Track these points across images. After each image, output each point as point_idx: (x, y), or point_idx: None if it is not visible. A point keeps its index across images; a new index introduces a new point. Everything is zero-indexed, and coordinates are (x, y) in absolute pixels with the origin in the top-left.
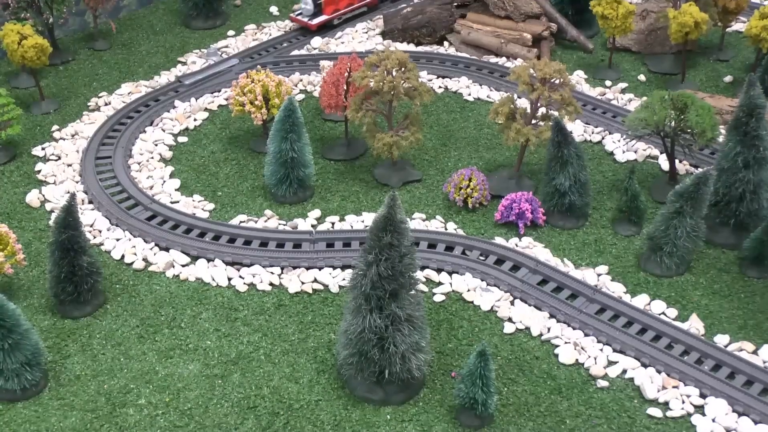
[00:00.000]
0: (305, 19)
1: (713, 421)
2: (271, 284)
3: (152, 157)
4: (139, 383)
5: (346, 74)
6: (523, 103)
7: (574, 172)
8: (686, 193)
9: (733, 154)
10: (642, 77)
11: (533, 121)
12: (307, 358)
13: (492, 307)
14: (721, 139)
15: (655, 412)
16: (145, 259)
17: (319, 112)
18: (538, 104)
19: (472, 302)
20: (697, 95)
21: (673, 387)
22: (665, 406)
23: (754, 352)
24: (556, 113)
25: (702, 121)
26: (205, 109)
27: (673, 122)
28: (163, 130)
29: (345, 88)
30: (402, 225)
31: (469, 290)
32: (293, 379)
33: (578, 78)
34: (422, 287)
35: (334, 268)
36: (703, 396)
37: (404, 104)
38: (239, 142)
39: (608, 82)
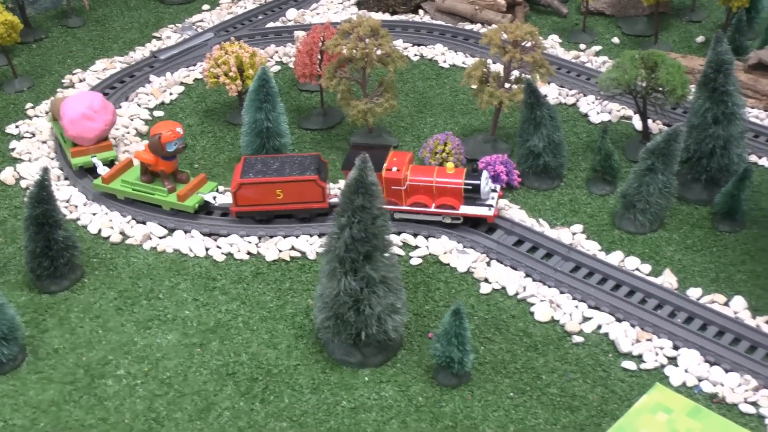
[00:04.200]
0: None
1: (686, 371)
2: (248, 253)
3: (128, 132)
4: (118, 354)
5: (320, 43)
6: (497, 68)
7: (548, 133)
8: (657, 149)
9: (702, 111)
10: (616, 40)
11: (506, 84)
12: (285, 325)
13: (468, 269)
14: (692, 97)
15: (629, 364)
16: (122, 233)
17: (295, 83)
18: (511, 67)
19: (448, 264)
20: (669, 55)
21: (647, 340)
22: (639, 358)
23: (726, 304)
24: (528, 76)
25: (672, 79)
26: (181, 83)
27: (644, 81)
28: (139, 105)
29: (319, 57)
30: (373, 187)
31: (445, 253)
32: (272, 345)
33: (553, 42)
34: (398, 250)
35: (311, 235)
36: (675, 348)
37: (379, 72)
38: (216, 114)
39: (582, 46)
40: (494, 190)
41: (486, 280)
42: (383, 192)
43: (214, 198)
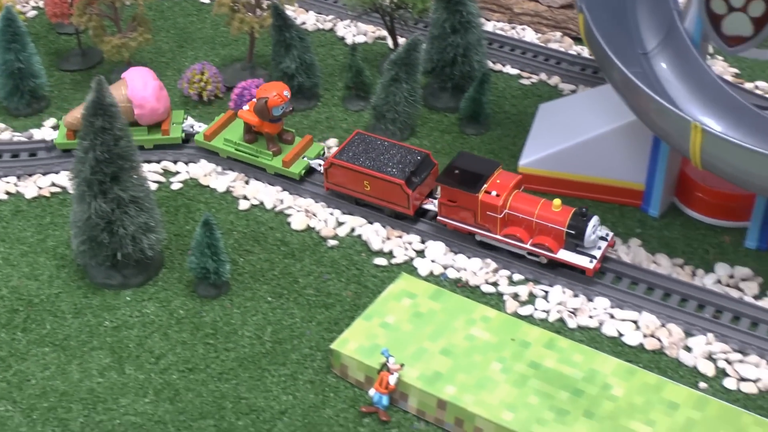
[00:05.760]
0: None
1: (432, 261)
2: (7, 193)
3: None
4: None
5: None
6: None
7: (299, 54)
8: (399, 60)
9: (441, 21)
10: None
11: (257, 11)
12: (47, 257)
13: (228, 188)
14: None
15: (380, 261)
16: None
17: (53, 27)
18: None
19: (208, 186)
20: None
21: (397, 237)
22: (390, 254)
23: None
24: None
25: None
26: None
27: None
28: None
29: None
30: (112, 108)
31: (205, 175)
32: (33, 277)
33: None
34: (159, 177)
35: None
36: (423, 242)
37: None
38: None
39: None
40: (603, 238)
41: (245, 197)
42: (476, 215)
43: (320, 165)
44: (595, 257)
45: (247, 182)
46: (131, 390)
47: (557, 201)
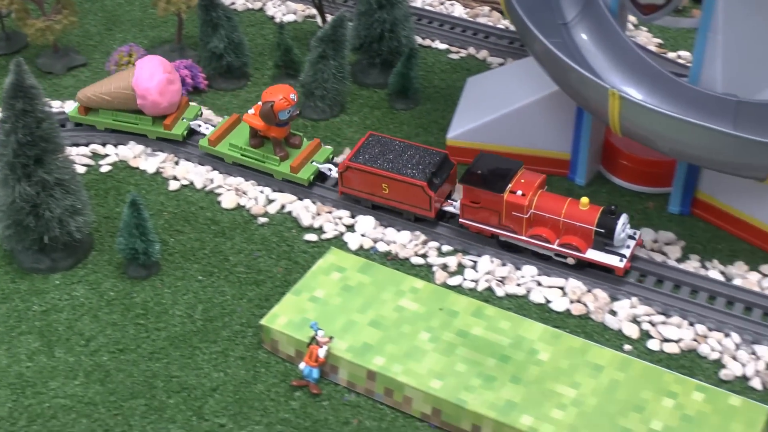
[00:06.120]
0: None
1: (362, 236)
2: None
3: None
4: None
5: None
6: None
7: (227, 34)
8: (326, 37)
9: None
10: None
11: None
12: None
13: (157, 169)
14: None
15: (311, 237)
16: None
17: None
18: None
19: (137, 168)
20: None
21: (327, 212)
22: (320, 230)
23: None
24: None
25: None
26: None
27: None
28: None
29: None
30: (33, 90)
31: (135, 157)
32: None
33: None
34: (87, 160)
35: None
36: (353, 216)
37: None
38: None
39: None
40: (632, 237)
41: (174, 178)
42: (501, 216)
43: (330, 170)
44: (624, 256)
45: (176, 163)
46: (61, 373)
47: (584, 199)
